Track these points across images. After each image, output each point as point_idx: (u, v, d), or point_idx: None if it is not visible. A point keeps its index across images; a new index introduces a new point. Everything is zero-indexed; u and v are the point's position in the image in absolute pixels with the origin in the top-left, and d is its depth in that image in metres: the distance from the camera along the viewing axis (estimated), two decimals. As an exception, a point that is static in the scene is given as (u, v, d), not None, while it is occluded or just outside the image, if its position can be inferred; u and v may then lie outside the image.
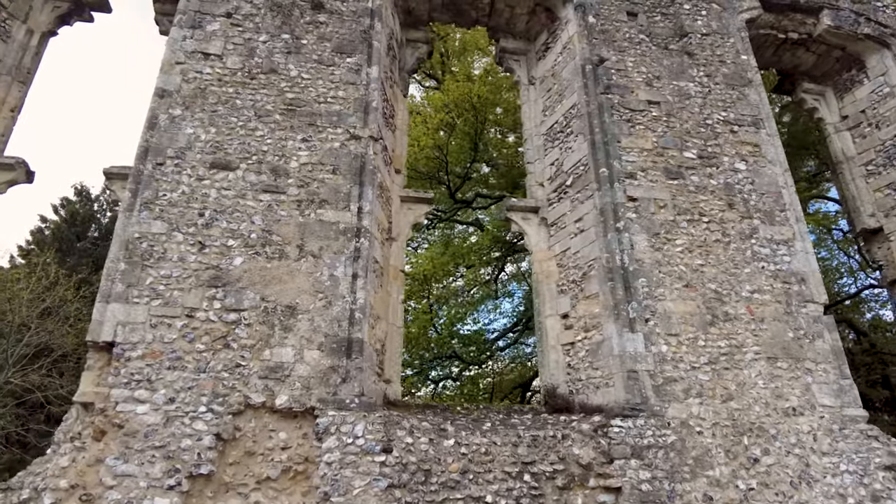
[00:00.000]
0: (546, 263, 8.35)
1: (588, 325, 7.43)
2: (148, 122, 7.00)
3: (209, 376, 5.93)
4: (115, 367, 5.86)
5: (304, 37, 7.91)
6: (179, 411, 5.76)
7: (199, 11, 7.82)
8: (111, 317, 6.01)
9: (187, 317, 6.14)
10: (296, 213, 6.82)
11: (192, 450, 5.62)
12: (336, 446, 5.84)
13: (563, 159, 8.59)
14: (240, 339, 6.14)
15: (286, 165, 7.07)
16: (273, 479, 5.78)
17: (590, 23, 8.83)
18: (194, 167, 6.85)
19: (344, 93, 7.63)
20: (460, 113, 11.91)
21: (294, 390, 6.02)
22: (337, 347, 6.25)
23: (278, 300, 6.37)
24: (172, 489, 5.46)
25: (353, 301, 6.48)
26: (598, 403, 6.98)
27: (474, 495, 6.07)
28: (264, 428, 5.95)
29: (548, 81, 9.44)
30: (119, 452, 5.54)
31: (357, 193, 7.04)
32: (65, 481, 5.52)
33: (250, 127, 7.20)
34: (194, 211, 6.63)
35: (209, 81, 7.38)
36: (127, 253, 6.30)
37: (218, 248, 6.51)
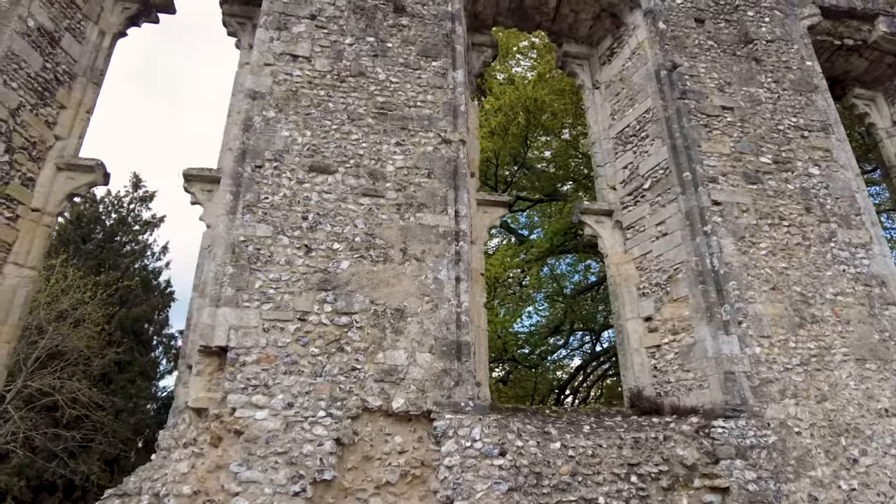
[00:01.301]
0: (624, 266, 8.43)
1: (676, 328, 7.51)
2: (243, 123, 6.95)
3: (325, 380, 5.91)
4: (230, 372, 5.81)
5: (388, 40, 7.92)
6: (299, 416, 5.73)
7: (283, 13, 7.79)
8: (223, 321, 5.96)
9: (299, 320, 6.11)
10: (396, 217, 6.82)
11: (315, 455, 5.60)
12: (455, 450, 5.85)
13: (637, 163, 8.68)
14: (353, 342, 6.13)
15: (383, 169, 7.07)
16: (392, 484, 5.77)
17: (660, 29, 8.93)
18: (293, 170, 6.82)
19: (432, 97, 7.64)
20: (513, 116, 11.98)
21: (409, 393, 6.02)
22: (447, 350, 6.26)
23: (387, 303, 6.36)
24: (298, 495, 5.43)
25: (458, 304, 6.50)
26: (691, 405, 7.05)
27: (586, 497, 6.11)
28: (380, 432, 5.94)
29: (615, 86, 9.53)
30: (242, 459, 5.49)
31: (453, 197, 7.06)
32: (187, 487, 5.47)
33: (344, 130, 7.19)
34: (297, 214, 6.61)
35: (300, 84, 7.36)
36: (234, 256, 6.25)
37: (324, 252, 6.49)
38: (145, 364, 20.75)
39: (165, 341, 23.24)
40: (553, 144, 13.78)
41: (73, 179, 7.76)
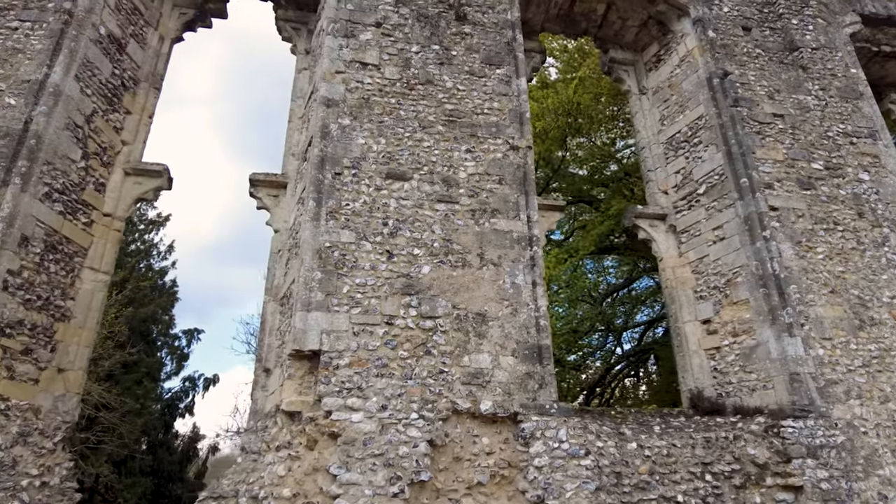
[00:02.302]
0: (679, 270, 8.61)
1: (737, 330, 7.70)
2: (320, 131, 7.05)
3: (416, 383, 6.04)
4: (324, 376, 5.93)
5: (452, 48, 8.04)
6: (393, 418, 5.86)
7: (349, 20, 7.90)
8: (314, 325, 6.07)
9: (387, 324, 6.24)
10: (471, 223, 6.96)
11: (410, 457, 5.73)
12: (544, 451, 6.01)
13: (690, 168, 8.86)
14: (438, 345, 6.26)
15: (455, 176, 7.20)
16: (483, 485, 5.91)
17: (710, 37, 9.12)
18: (371, 177, 6.94)
19: (498, 104, 7.79)
20: (555, 120, 12.15)
21: (496, 396, 6.16)
22: (529, 354, 6.41)
23: (468, 307, 6.50)
24: (396, 496, 5.55)
25: (535, 308, 6.65)
26: (755, 405, 7.25)
27: (666, 495, 6.29)
28: (468, 433, 6.08)
29: (663, 92, 9.72)
30: (341, 461, 5.61)
31: (524, 203, 7.21)
32: (287, 490, 5.58)
33: (416, 138, 7.32)
34: (378, 220, 6.73)
35: (371, 91, 7.47)
36: (321, 262, 6.36)
37: (405, 257, 6.62)
38: (152, 365, 20.66)
39: (170, 342, 23.25)
40: (587, 147, 13.95)
41: (141, 184, 7.84)
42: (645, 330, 18.78)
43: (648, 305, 18.65)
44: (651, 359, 18.55)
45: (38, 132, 6.53)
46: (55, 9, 7.26)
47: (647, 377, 20.30)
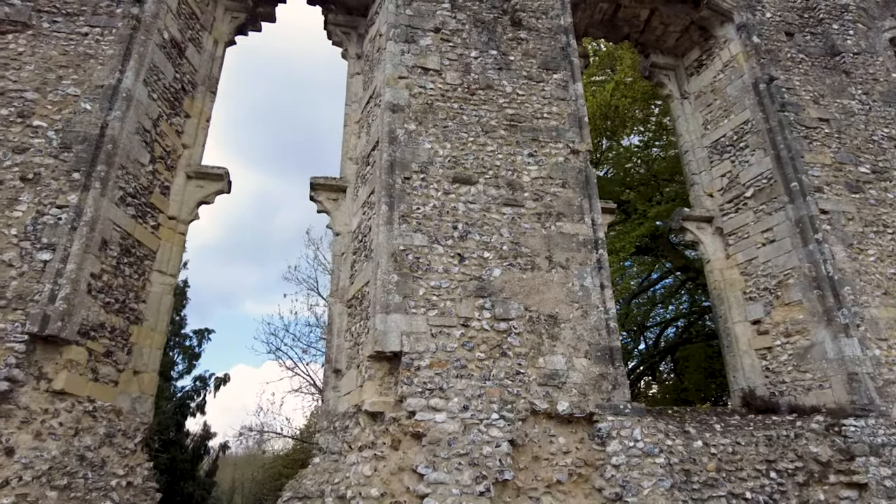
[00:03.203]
0: (728, 272, 8.77)
1: (789, 331, 7.86)
2: (388, 136, 7.15)
3: (494, 384, 6.16)
4: (406, 377, 6.04)
5: (510, 53, 8.16)
6: (474, 419, 5.97)
7: (409, 26, 8.00)
8: (394, 327, 6.18)
9: (463, 326, 6.35)
10: (537, 226, 7.08)
11: (494, 456, 5.85)
12: (620, 450, 6.14)
13: (737, 172, 9.02)
14: (513, 347, 6.38)
15: (519, 180, 7.32)
16: (562, 483, 6.04)
17: (755, 43, 9.27)
18: (439, 181, 7.05)
19: (557, 108, 7.91)
20: (592, 122, 12.27)
21: (572, 397, 6.29)
22: (601, 356, 6.54)
23: (540, 310, 6.62)
24: (483, 495, 5.67)
25: (605, 311, 6.78)
26: (811, 404, 7.41)
27: (734, 492, 6.44)
28: (545, 433, 6.21)
29: (706, 97, 9.87)
30: (427, 461, 5.72)
31: (587, 206, 7.34)
32: (375, 490, 5.69)
33: (480, 142, 7.43)
34: (448, 224, 6.84)
35: (433, 97, 7.58)
36: (396, 265, 6.47)
37: (476, 260, 6.73)
38: (164, 364, 20.70)
39: (181, 342, 23.30)
40: (615, 150, 14.10)
41: (202, 188, 7.91)
42: (662, 330, 19.00)
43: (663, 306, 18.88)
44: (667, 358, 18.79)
45: (114, 137, 6.60)
46: (123, 14, 7.32)
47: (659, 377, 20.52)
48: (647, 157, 13.52)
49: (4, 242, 5.91)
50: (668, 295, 18.37)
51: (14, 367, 5.46)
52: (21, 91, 6.66)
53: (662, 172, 13.63)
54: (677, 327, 16.91)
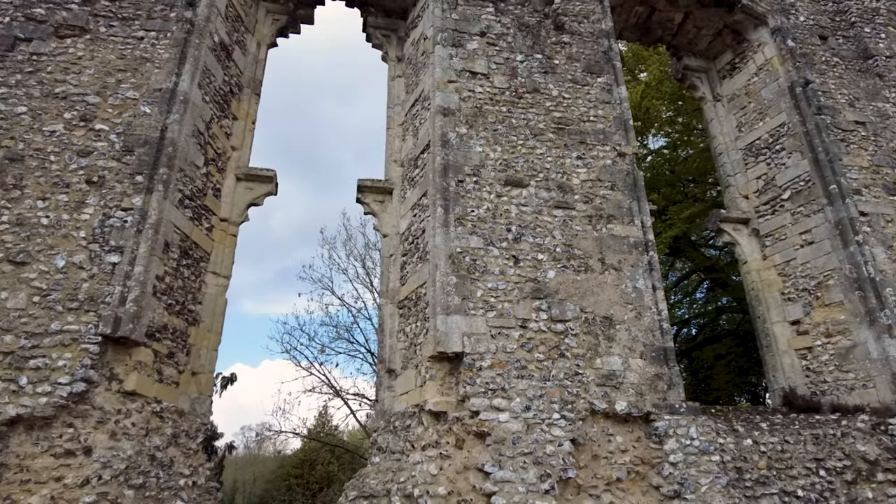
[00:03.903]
0: (765, 273, 8.89)
1: (830, 331, 7.99)
2: (440, 139, 7.24)
3: (554, 384, 6.27)
4: (469, 377, 6.14)
5: (554, 57, 8.26)
6: (536, 418, 6.08)
7: (455, 30, 8.09)
8: (455, 328, 6.27)
9: (521, 327, 6.46)
10: (589, 228, 7.19)
11: (557, 455, 5.96)
12: (677, 448, 6.26)
13: (773, 174, 9.14)
14: (571, 348, 6.49)
15: (569, 182, 7.42)
16: (621, 481, 6.15)
17: (790, 46, 9.40)
18: (491, 184, 7.14)
19: (602, 111, 8.01)
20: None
21: (629, 397, 6.40)
22: (656, 356, 6.65)
23: (595, 311, 6.73)
24: (548, 493, 5.78)
25: (657, 312, 6.89)
26: (854, 404, 7.54)
27: (786, 490, 6.56)
28: (603, 432, 6.32)
29: (740, 99, 9.99)
30: (494, 460, 5.83)
31: (637, 208, 7.45)
32: (442, 488, 5.79)
33: (529, 145, 7.53)
34: (502, 226, 6.94)
35: (482, 100, 7.67)
36: (454, 267, 6.56)
37: (530, 262, 6.83)
38: None
39: None
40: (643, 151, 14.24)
41: (252, 189, 7.99)
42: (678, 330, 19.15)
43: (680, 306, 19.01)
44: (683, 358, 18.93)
45: (174, 140, 6.67)
46: (177, 18, 7.39)
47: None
48: (675, 158, 13.65)
49: (74, 245, 5.99)
50: (685, 295, 18.51)
51: (89, 367, 5.54)
52: (83, 95, 6.73)
53: (687, 173, 13.75)
54: (697, 326, 17.05)
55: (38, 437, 5.32)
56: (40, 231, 5.99)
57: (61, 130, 6.53)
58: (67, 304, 5.73)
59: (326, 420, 28.81)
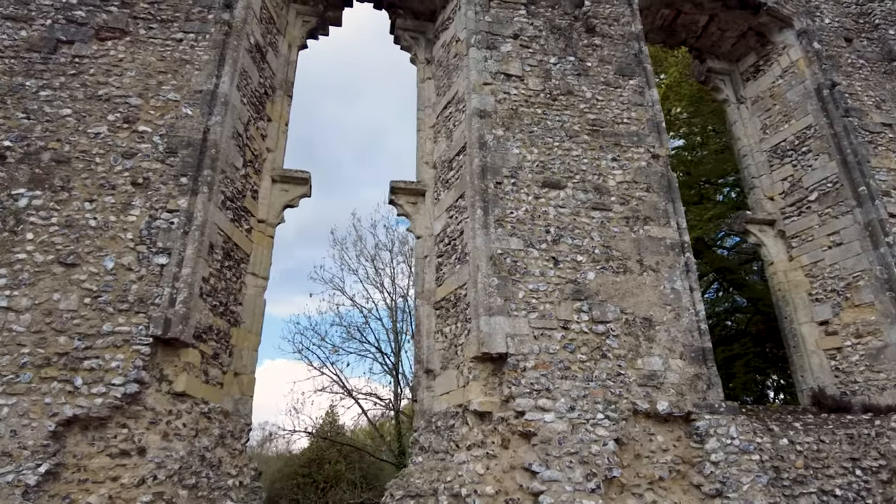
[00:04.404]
0: (792, 274, 8.97)
1: (861, 332, 8.07)
2: (477, 141, 7.29)
3: (597, 385, 6.33)
4: (513, 378, 6.20)
5: (586, 59, 8.31)
6: (581, 418, 6.14)
7: (489, 32, 8.14)
8: (499, 329, 6.33)
9: (563, 328, 6.52)
10: (626, 230, 7.25)
11: (602, 454, 6.02)
12: (718, 447, 6.33)
13: (799, 176, 9.22)
14: (612, 349, 6.55)
15: (605, 184, 7.48)
16: (664, 480, 6.22)
17: (816, 49, 9.47)
18: (529, 186, 7.20)
19: (635, 114, 8.07)
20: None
21: (670, 396, 6.47)
22: (696, 356, 6.72)
23: (635, 312, 6.80)
24: (594, 492, 5.85)
25: (695, 313, 6.96)
26: (886, 404, 7.62)
27: (824, 489, 6.64)
28: (644, 432, 6.38)
29: (764, 102, 10.06)
30: (540, 459, 5.89)
31: (672, 210, 7.51)
32: (490, 487, 5.84)
33: (565, 147, 7.58)
34: (541, 228, 6.99)
35: (517, 102, 7.72)
36: (496, 268, 6.62)
37: (570, 263, 6.89)
38: None
39: None
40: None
41: (287, 191, 8.03)
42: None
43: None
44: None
45: (216, 142, 6.71)
46: (215, 20, 7.42)
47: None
48: (694, 159, 13.74)
49: (122, 246, 6.03)
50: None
51: (141, 369, 5.58)
52: (125, 97, 6.76)
53: (701, 175, 13.83)
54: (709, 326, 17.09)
55: (93, 438, 5.36)
56: (88, 233, 6.03)
57: (105, 132, 6.56)
58: (118, 305, 5.77)
59: (333, 419, 28.89)
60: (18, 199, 6.06)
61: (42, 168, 6.26)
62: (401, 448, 22.54)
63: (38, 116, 6.50)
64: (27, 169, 6.23)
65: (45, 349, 5.49)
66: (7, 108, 6.46)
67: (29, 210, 6.03)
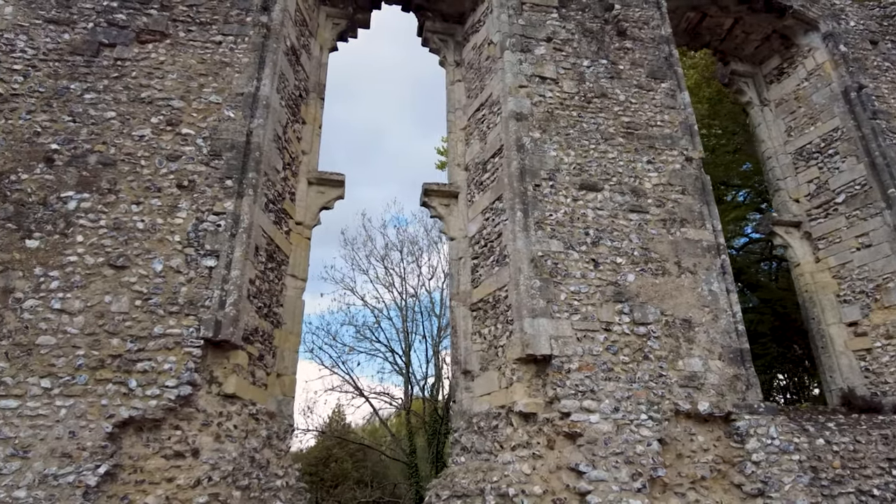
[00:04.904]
0: (819, 275, 9.05)
1: (891, 333, 8.15)
2: (515, 144, 7.35)
3: (640, 386, 6.40)
4: (558, 379, 6.26)
5: (618, 62, 8.37)
6: (625, 419, 6.21)
7: (523, 35, 8.19)
8: (542, 331, 6.39)
9: (605, 330, 6.58)
10: (663, 232, 7.31)
11: (646, 454, 6.09)
12: (759, 447, 6.40)
13: (825, 178, 9.29)
14: (654, 350, 6.62)
15: (641, 186, 7.54)
16: (705, 479, 6.29)
17: (842, 51, 9.55)
18: (567, 188, 7.26)
19: (668, 116, 8.14)
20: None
21: (711, 397, 6.54)
22: (734, 357, 6.79)
23: (674, 314, 6.86)
24: (640, 492, 5.92)
25: (732, 314, 7.03)
26: (917, 404, 7.71)
27: (862, 489, 6.72)
28: (685, 432, 6.45)
29: (789, 104, 10.13)
30: (587, 459, 5.95)
31: (707, 212, 7.58)
32: (538, 487, 5.91)
33: (601, 149, 7.64)
34: (580, 230, 7.05)
35: (553, 105, 7.78)
36: (537, 270, 6.68)
37: (609, 266, 6.95)
38: None
39: None
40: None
41: (323, 194, 8.06)
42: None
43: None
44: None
45: (259, 144, 6.74)
46: (253, 23, 7.45)
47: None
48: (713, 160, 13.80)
49: (170, 249, 6.06)
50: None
51: (193, 371, 5.62)
52: (167, 99, 6.80)
53: (716, 177, 13.90)
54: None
55: (147, 439, 5.41)
56: (136, 235, 6.07)
57: (149, 135, 6.59)
58: (168, 307, 5.81)
59: (340, 418, 28.93)
60: (67, 201, 6.09)
61: (89, 171, 6.29)
62: (412, 447, 22.64)
63: (83, 119, 6.53)
64: (75, 172, 6.26)
65: (99, 351, 5.53)
66: (53, 111, 6.49)
67: (78, 212, 6.06)
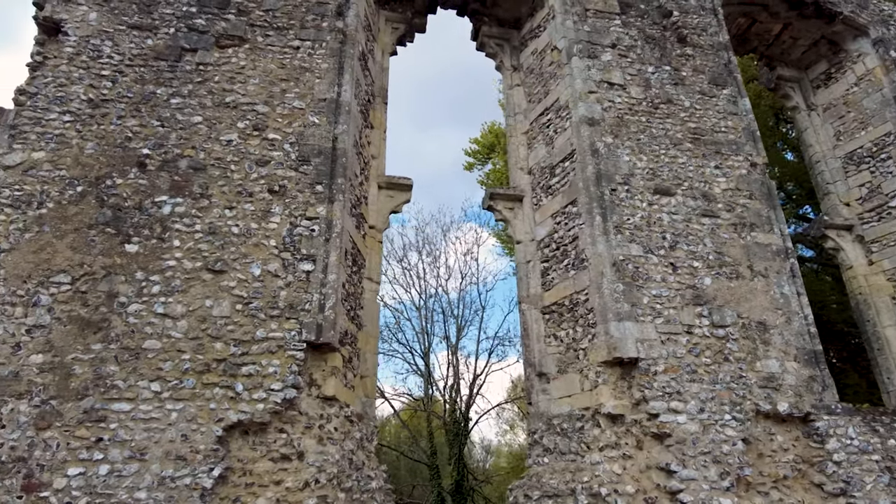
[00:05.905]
0: (873, 278, 9.22)
1: (948, 334, 8.33)
2: (589, 148, 7.46)
3: (722, 387, 6.53)
4: (645, 381, 6.38)
5: (681, 69, 8.50)
6: (710, 420, 6.34)
7: (588, 42, 8.29)
8: (629, 334, 6.50)
9: (687, 333, 6.71)
10: (735, 236, 7.45)
11: (732, 454, 6.23)
12: (839, 447, 6.55)
13: (878, 182, 9.47)
14: (733, 352, 6.75)
15: (711, 191, 7.68)
16: (787, 479, 6.43)
17: (893, 57, 9.71)
18: (642, 193, 7.38)
19: (732, 122, 8.27)
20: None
21: (789, 398, 6.68)
22: (809, 359, 6.94)
23: (750, 317, 7.00)
24: (729, 490, 6.06)
25: (804, 317, 7.17)
26: (976, 404, 7.90)
27: (934, 488, 6.88)
28: (764, 432, 6.59)
29: (837, 109, 10.29)
30: (677, 459, 6.08)
31: (774, 217, 7.72)
32: (630, 487, 6.04)
33: (671, 154, 7.77)
34: (657, 234, 7.17)
35: (622, 111, 7.89)
36: (619, 274, 6.79)
37: (687, 269, 7.08)
38: None
39: None
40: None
41: (392, 197, 8.14)
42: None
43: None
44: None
45: (345, 150, 6.82)
46: (329, 28, 7.52)
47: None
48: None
49: (266, 253, 6.14)
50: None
51: (297, 374, 5.70)
52: (252, 104, 6.86)
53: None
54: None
55: (254, 443, 5.49)
56: (232, 240, 6.14)
57: (237, 140, 6.66)
58: (269, 311, 5.89)
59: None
60: (162, 206, 6.15)
61: (181, 175, 6.35)
62: (432, 448, 22.72)
63: (171, 124, 6.58)
64: (167, 176, 6.32)
65: (204, 355, 5.60)
66: (142, 117, 6.54)
67: (173, 217, 6.12)
